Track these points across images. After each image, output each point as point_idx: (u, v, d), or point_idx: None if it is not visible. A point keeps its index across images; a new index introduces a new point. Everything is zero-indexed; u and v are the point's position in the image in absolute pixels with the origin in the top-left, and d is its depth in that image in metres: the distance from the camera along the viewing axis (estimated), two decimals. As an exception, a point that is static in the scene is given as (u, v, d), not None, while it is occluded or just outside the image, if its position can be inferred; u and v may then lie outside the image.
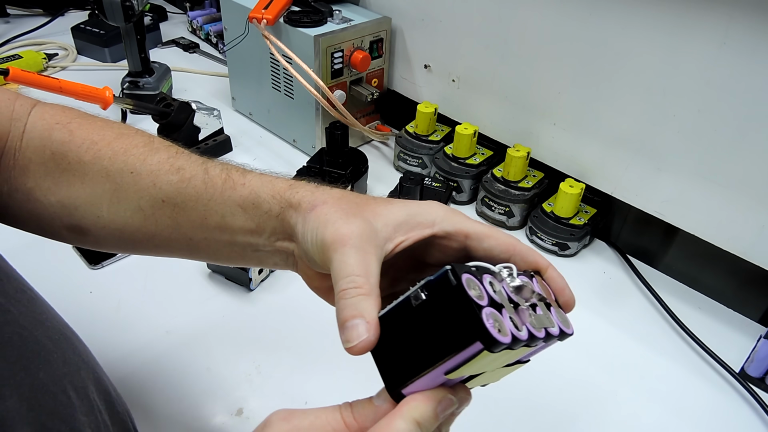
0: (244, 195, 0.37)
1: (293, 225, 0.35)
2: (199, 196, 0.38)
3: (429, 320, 0.28)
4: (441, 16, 0.80)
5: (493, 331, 0.25)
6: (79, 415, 0.31)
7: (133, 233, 0.39)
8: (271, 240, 0.37)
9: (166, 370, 0.56)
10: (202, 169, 0.39)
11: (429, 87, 0.88)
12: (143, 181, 0.39)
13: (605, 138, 0.69)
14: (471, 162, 0.80)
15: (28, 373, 0.29)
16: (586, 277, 0.71)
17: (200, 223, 0.38)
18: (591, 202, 0.75)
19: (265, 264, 0.39)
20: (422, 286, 0.28)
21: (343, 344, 0.29)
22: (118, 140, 0.40)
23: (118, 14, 0.86)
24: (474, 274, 0.28)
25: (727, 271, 0.66)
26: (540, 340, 0.28)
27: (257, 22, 0.79)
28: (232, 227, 0.37)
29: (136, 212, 0.39)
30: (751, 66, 0.54)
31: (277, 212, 0.36)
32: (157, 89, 0.97)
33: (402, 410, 0.28)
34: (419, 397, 0.28)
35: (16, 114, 0.40)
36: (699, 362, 0.61)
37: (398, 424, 0.27)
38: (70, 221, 0.40)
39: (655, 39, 0.60)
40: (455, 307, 0.27)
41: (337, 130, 0.75)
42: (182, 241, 0.39)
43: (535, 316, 0.29)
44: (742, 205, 0.60)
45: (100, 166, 0.39)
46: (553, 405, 0.55)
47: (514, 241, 0.35)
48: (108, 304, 0.62)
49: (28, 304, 0.33)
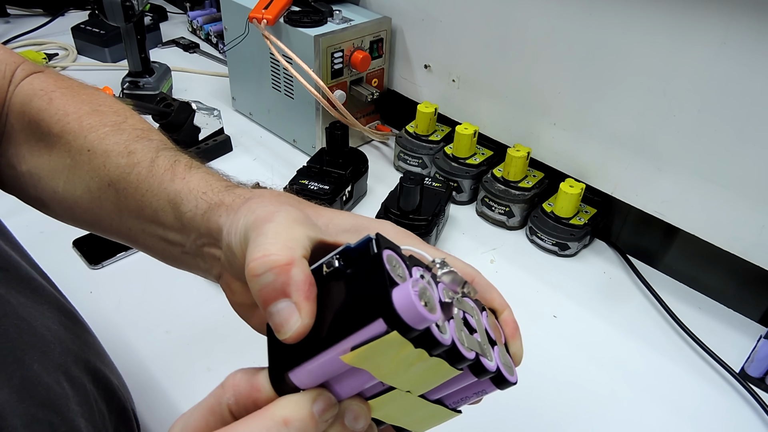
0: (176, 190, 0.34)
1: (220, 226, 0.31)
2: (140, 184, 0.35)
3: (336, 293, 0.24)
4: (441, 16, 0.80)
5: (401, 309, 0.21)
6: (73, 405, 0.31)
7: (82, 213, 0.38)
8: (197, 243, 0.34)
9: (166, 370, 0.56)
10: (152, 156, 0.36)
11: (429, 87, 0.88)
12: (96, 160, 0.37)
13: (605, 138, 0.69)
14: (471, 162, 0.80)
15: (21, 365, 0.29)
16: (586, 277, 0.71)
17: (138, 213, 0.36)
18: (591, 202, 0.75)
19: (193, 269, 0.36)
20: (339, 252, 0.25)
21: (275, 334, 0.24)
22: (89, 116, 0.39)
23: (118, 14, 0.86)
24: (401, 256, 0.24)
25: (727, 271, 0.66)
26: (465, 361, 0.24)
27: (257, 22, 0.79)
28: (164, 223, 0.35)
29: (85, 192, 0.37)
30: (751, 66, 0.54)
31: (203, 210, 0.33)
32: (157, 89, 0.97)
33: (269, 408, 0.23)
34: (294, 394, 0.23)
35: (15, 78, 0.40)
36: (699, 362, 0.61)
37: (257, 423, 0.23)
38: (35, 192, 0.39)
39: (655, 39, 0.60)
40: (366, 277, 0.23)
41: (337, 130, 0.75)
42: (123, 230, 0.37)
43: (467, 336, 0.24)
44: (742, 205, 0.60)
45: (65, 140, 0.38)
46: (552, 405, 0.55)
47: (473, 272, 0.31)
48: (108, 304, 0.62)
49: (30, 295, 0.33)
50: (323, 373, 0.23)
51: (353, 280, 0.23)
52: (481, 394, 0.28)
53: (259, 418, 0.23)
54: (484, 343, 0.26)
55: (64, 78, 0.42)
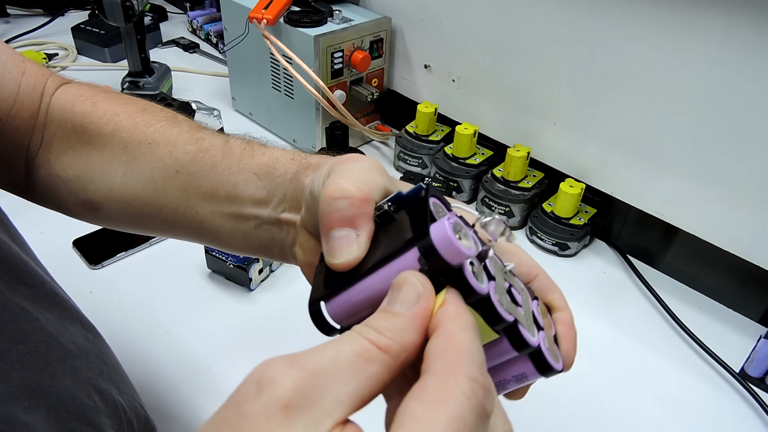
0: (261, 162, 0.36)
1: (305, 185, 0.32)
2: (215, 165, 0.36)
3: (383, 234, 0.25)
4: (441, 16, 0.80)
5: (436, 237, 0.21)
6: (103, 417, 0.31)
7: (142, 206, 0.39)
8: (278, 210, 0.35)
9: (166, 370, 0.56)
10: (223, 140, 0.38)
11: (429, 87, 0.88)
12: (160, 151, 0.38)
13: (605, 138, 0.69)
14: (471, 162, 0.80)
15: (55, 381, 0.29)
16: (586, 277, 0.71)
17: (210, 193, 0.37)
18: (591, 202, 0.75)
19: (261, 245, 0.36)
20: (391, 199, 0.26)
21: (325, 255, 0.26)
22: (140, 114, 0.40)
23: (118, 14, 0.86)
24: (446, 204, 0.25)
25: (727, 271, 0.66)
26: (502, 322, 0.23)
27: (257, 22, 0.79)
28: (242, 197, 0.36)
29: (147, 183, 0.38)
30: (751, 66, 0.55)
31: (292, 173, 0.34)
32: (157, 89, 0.97)
33: (461, 363, 0.19)
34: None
35: (47, 90, 0.40)
36: (699, 362, 0.61)
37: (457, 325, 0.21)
38: (85, 196, 0.40)
39: (655, 39, 0.60)
40: (411, 218, 0.24)
41: (337, 130, 0.75)
42: (188, 215, 0.38)
43: (508, 302, 0.24)
44: (742, 205, 0.60)
45: (119, 137, 0.39)
46: (552, 405, 0.55)
47: (538, 269, 0.30)
48: (108, 304, 0.62)
49: (56, 310, 0.34)
50: (357, 306, 0.24)
51: (399, 222, 0.25)
52: (523, 381, 0.26)
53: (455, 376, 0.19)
54: (527, 317, 0.25)
55: (94, 85, 0.43)
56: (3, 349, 0.28)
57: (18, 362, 0.28)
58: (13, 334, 0.29)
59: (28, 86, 0.39)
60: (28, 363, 0.28)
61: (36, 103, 0.40)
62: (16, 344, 0.28)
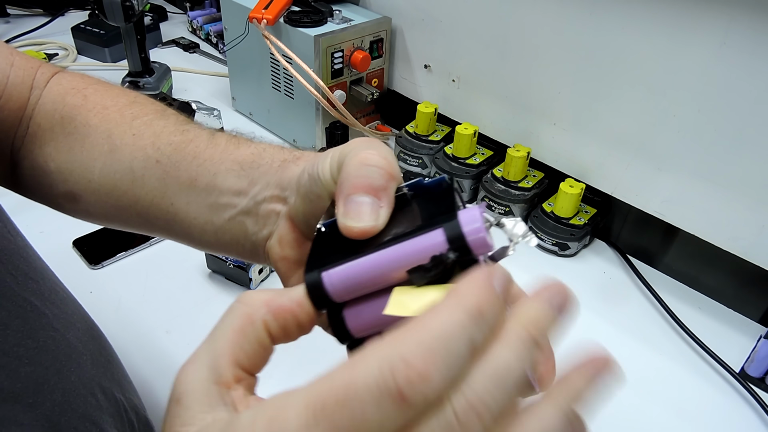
0: (247, 152, 0.35)
1: (294, 175, 0.32)
2: (197, 155, 0.36)
3: (398, 216, 0.24)
4: (441, 16, 0.80)
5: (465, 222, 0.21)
6: (106, 416, 0.31)
7: (119, 197, 0.38)
8: (257, 198, 0.34)
9: (166, 370, 0.56)
10: (209, 132, 0.38)
11: (429, 87, 0.88)
12: (143, 141, 0.37)
13: (605, 138, 0.69)
14: (471, 162, 0.80)
15: (61, 378, 0.29)
16: (586, 277, 0.71)
17: (189, 183, 0.36)
18: (591, 202, 0.75)
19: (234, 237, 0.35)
20: (411, 184, 0.26)
21: (339, 217, 0.25)
22: (129, 107, 0.40)
23: (118, 14, 0.86)
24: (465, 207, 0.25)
25: (727, 271, 0.66)
26: None
27: (257, 22, 0.79)
28: (221, 187, 0.35)
29: (126, 174, 0.38)
30: (751, 66, 0.54)
31: (280, 161, 0.34)
32: (157, 89, 0.97)
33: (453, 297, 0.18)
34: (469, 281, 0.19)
35: (36, 83, 0.40)
36: (699, 362, 0.61)
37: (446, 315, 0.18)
38: (65, 187, 0.39)
39: (655, 39, 0.60)
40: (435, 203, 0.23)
41: (337, 130, 0.75)
42: (162, 207, 0.37)
43: None
44: (742, 205, 0.60)
45: (105, 128, 0.38)
46: (553, 405, 0.55)
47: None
48: (108, 304, 0.62)
49: (61, 305, 0.33)
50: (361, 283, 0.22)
51: (414, 209, 0.24)
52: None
53: (446, 311, 0.18)
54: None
55: (89, 76, 0.42)
56: (11, 344, 0.27)
57: (26, 357, 0.28)
58: (22, 329, 0.28)
59: (16, 78, 0.39)
60: (36, 358, 0.28)
61: (25, 95, 0.39)
62: (24, 339, 0.28)
